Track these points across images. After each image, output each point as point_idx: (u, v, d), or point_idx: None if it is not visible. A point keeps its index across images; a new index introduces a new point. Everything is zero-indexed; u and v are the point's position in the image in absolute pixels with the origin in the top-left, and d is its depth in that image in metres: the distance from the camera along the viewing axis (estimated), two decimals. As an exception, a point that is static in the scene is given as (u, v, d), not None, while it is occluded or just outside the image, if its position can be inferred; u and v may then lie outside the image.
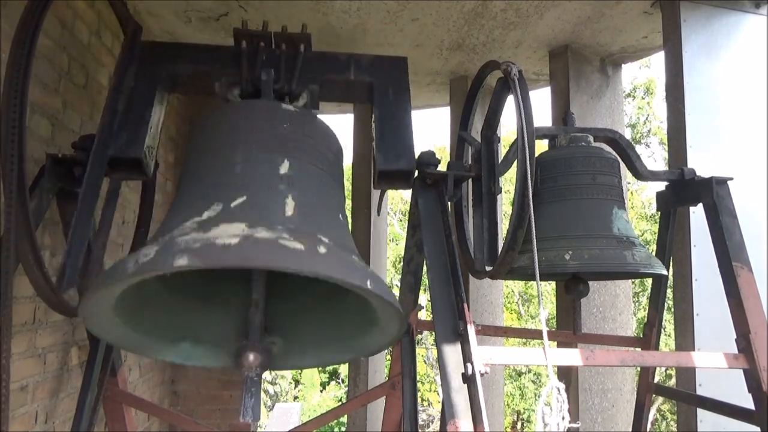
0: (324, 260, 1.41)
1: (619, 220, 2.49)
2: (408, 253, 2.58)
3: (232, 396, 4.90)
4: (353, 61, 2.39)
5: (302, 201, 1.69)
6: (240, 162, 1.77)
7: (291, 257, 1.36)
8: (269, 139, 1.84)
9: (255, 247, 1.39)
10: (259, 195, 1.68)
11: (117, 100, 2.13)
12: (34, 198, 1.91)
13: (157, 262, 1.34)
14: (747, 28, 3.33)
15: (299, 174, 1.79)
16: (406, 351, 2.62)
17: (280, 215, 1.62)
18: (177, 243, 1.37)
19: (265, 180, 1.73)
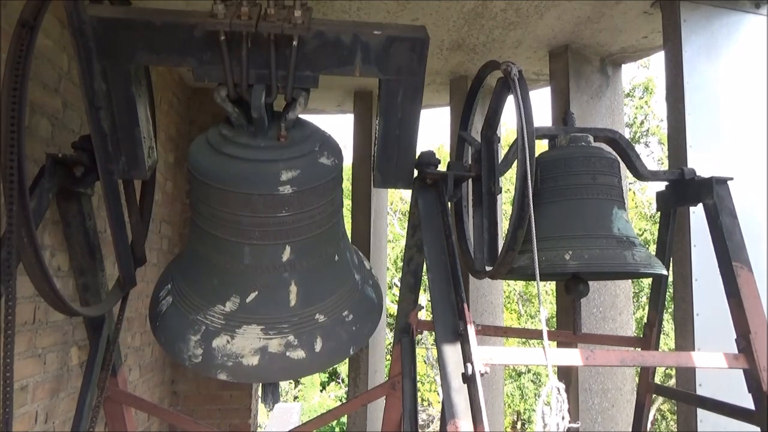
0: (318, 359, 2.08)
1: (619, 220, 2.49)
2: (408, 253, 2.58)
3: (232, 396, 4.90)
4: (360, 46, 1.94)
5: (303, 281, 2.11)
6: (247, 253, 2.06)
7: (296, 369, 2.07)
8: (270, 229, 2.04)
9: (270, 365, 2.02)
10: (267, 288, 2.09)
11: (98, 118, 1.97)
12: (34, 198, 1.90)
13: (204, 369, 2.08)
14: (747, 28, 3.33)
15: (299, 253, 2.09)
16: (406, 351, 2.62)
17: (286, 308, 2.09)
18: (215, 356, 2.04)
19: (270, 271, 2.08)
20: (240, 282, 2.10)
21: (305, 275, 2.13)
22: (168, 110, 4.35)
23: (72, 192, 2.17)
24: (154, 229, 3.98)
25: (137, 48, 1.90)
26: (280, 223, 2.03)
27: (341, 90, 5.35)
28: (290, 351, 2.04)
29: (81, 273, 2.32)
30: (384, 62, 1.99)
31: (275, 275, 2.09)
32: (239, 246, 2.06)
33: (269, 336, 2.06)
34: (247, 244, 2.05)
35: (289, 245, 2.06)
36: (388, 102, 2.10)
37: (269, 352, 2.03)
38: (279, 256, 2.06)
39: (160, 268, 4.07)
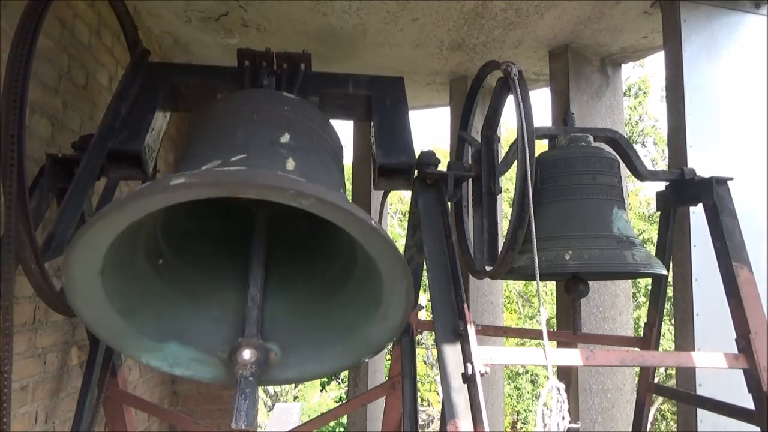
0: (326, 191, 1.33)
1: (619, 220, 2.49)
2: (408, 253, 2.58)
3: (232, 396, 4.90)
4: (351, 79, 2.50)
5: (303, 163, 1.70)
6: (241, 131, 1.77)
7: (291, 182, 1.32)
8: (270, 115, 1.87)
9: (254, 173, 1.41)
10: (259, 155, 1.67)
11: (120, 104, 2.17)
12: (34, 198, 1.91)
13: (154, 188, 1.27)
14: (747, 28, 3.33)
15: (301, 145, 1.78)
16: (406, 351, 2.62)
17: (281, 168, 1.63)
18: (172, 176, 1.28)
19: (266, 146, 1.72)
20: (226, 153, 1.65)
21: (306, 165, 1.73)
22: (168, 110, 4.35)
23: (72, 192, 2.17)
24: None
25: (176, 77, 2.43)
26: (281, 114, 1.93)
27: (341, 90, 5.36)
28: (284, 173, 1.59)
29: (81, 273, 2.32)
30: (370, 86, 2.52)
31: (271, 149, 1.72)
32: (231, 128, 1.79)
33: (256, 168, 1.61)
34: (241, 125, 1.78)
35: (288, 133, 1.80)
36: (379, 107, 2.43)
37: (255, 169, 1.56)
38: (277, 136, 1.77)
39: (160, 268, 4.07)
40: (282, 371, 1.67)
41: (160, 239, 1.78)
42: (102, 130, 2.05)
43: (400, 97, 2.49)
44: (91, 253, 1.38)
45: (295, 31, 3.91)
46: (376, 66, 4.54)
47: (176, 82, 2.39)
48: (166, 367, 1.64)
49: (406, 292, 1.52)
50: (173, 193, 1.27)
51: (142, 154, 2.10)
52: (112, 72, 3.15)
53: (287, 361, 1.68)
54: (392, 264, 1.47)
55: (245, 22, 3.81)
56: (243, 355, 1.48)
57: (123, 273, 1.55)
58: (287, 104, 1.98)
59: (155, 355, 1.64)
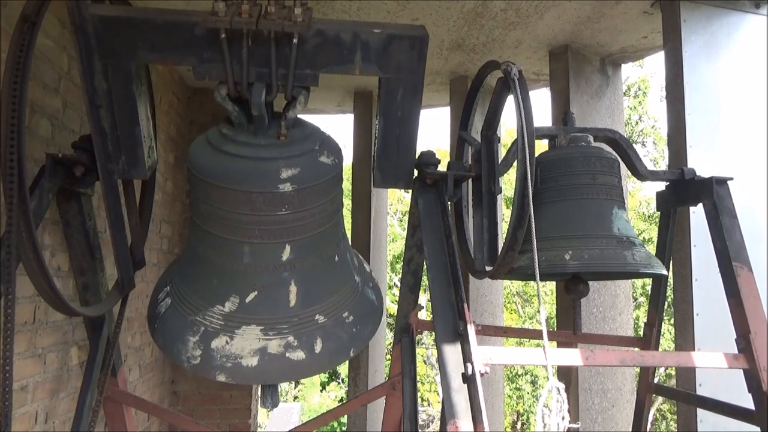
0: (318, 360, 2.05)
1: (619, 220, 2.49)
2: (408, 253, 2.58)
3: (232, 396, 4.90)
4: (360, 44, 1.96)
5: (303, 280, 2.09)
6: (247, 252, 2.04)
7: (295, 371, 2.03)
8: (270, 228, 2.02)
9: (269, 366, 1.99)
10: (266, 288, 2.06)
11: (99, 117, 1.98)
12: (34, 198, 1.90)
13: (203, 370, 2.02)
14: (747, 28, 3.33)
15: (299, 253, 2.07)
16: (406, 351, 2.62)
17: (286, 308, 2.06)
18: (214, 357, 2.00)
19: (270, 271, 2.06)
20: (239, 282, 2.08)
21: (305, 275, 2.11)
22: (168, 110, 4.35)
23: (72, 192, 2.17)
24: (154, 229, 3.98)
25: (138, 46, 1.90)
26: (280, 221, 2.02)
27: (341, 90, 5.35)
28: (290, 352, 2.01)
29: (81, 273, 2.32)
30: (384, 60, 1.99)
31: (275, 275, 2.07)
32: (239, 245, 2.04)
33: (269, 336, 2.03)
34: (246, 242, 2.03)
35: (289, 244, 2.04)
36: (387, 100, 2.10)
37: (269, 353, 2.01)
38: (279, 256, 2.05)
39: (160, 268, 4.07)
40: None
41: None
42: (101, 158, 2.03)
43: (416, 78, 2.06)
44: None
45: None
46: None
47: (142, 59, 1.97)
48: None
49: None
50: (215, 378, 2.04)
51: (146, 172, 2.15)
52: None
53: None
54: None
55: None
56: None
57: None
58: (285, 203, 2.00)
59: None
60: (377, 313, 2.31)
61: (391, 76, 2.04)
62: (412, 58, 2.01)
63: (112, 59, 1.91)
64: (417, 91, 2.09)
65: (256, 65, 1.93)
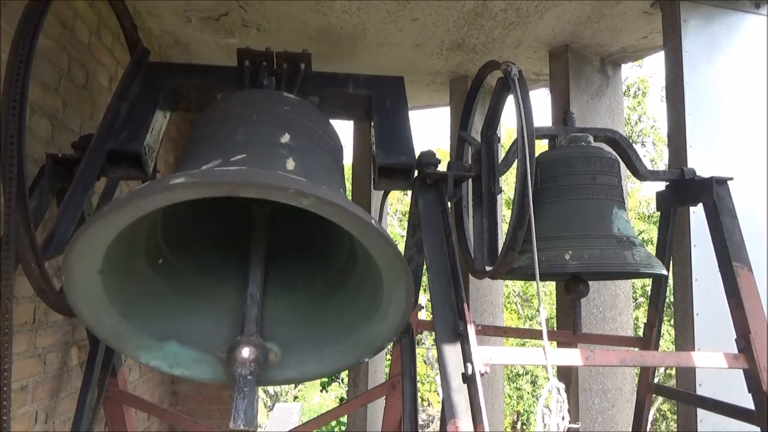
0: (326, 191, 1.35)
1: (619, 220, 2.49)
2: (408, 253, 2.58)
3: (231, 396, 4.90)
4: (351, 79, 2.50)
5: (302, 163, 1.69)
6: (241, 131, 1.78)
7: (291, 181, 1.32)
8: (270, 116, 1.88)
9: (254, 173, 1.39)
10: (259, 155, 1.68)
11: (120, 104, 2.17)
12: (34, 198, 1.91)
13: (154, 188, 1.26)
14: (747, 28, 3.33)
15: (300, 145, 1.79)
16: (406, 351, 2.62)
17: (281, 168, 1.62)
18: (172, 176, 1.30)
19: (266, 146, 1.73)
20: (226, 153, 1.64)
21: (306, 166, 1.72)
22: (168, 110, 4.35)
23: (72, 192, 2.17)
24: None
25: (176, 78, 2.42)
26: (281, 114, 1.94)
27: (341, 90, 5.36)
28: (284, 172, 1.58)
29: (81, 273, 2.32)
30: (370, 85, 2.50)
31: (271, 150, 1.73)
32: (232, 129, 1.80)
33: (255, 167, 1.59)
34: (241, 125, 1.81)
35: (288, 133, 1.82)
36: (378, 109, 2.43)
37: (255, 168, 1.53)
38: (277, 137, 1.78)
39: (160, 268, 4.07)
40: (282, 371, 1.67)
41: (160, 239, 1.78)
42: (102, 130, 2.05)
43: (401, 96, 2.49)
44: (91, 254, 1.38)
45: (296, 31, 3.91)
46: (376, 66, 4.54)
47: (176, 82, 2.40)
48: (165, 366, 1.64)
49: (406, 291, 1.52)
50: (173, 192, 1.26)
51: (142, 155, 2.09)
52: (112, 72, 3.15)
53: (287, 361, 1.67)
54: (392, 263, 1.46)
55: (245, 22, 3.81)
56: (242, 354, 1.47)
57: (123, 273, 1.56)
58: (287, 105, 1.99)
59: (155, 354, 1.63)
60: None
61: (377, 94, 2.48)
62: (393, 84, 2.52)
63: (152, 83, 2.33)
64: (402, 98, 2.49)
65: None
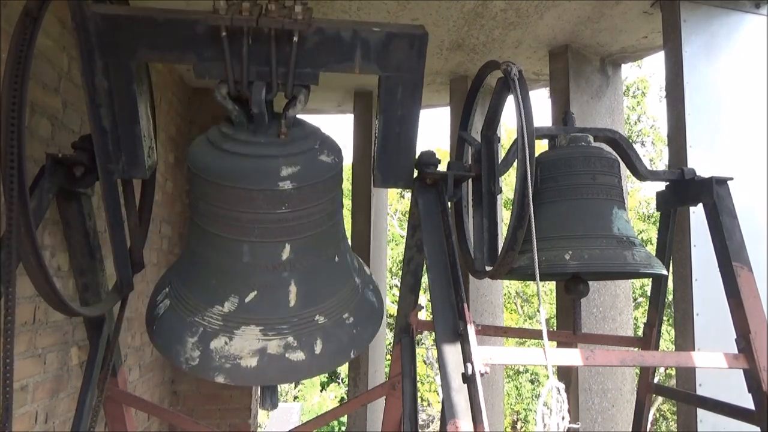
0: (318, 362, 2.02)
1: (619, 220, 2.49)
2: (408, 253, 2.58)
3: (232, 396, 4.90)
4: (360, 42, 1.97)
5: (303, 280, 2.07)
6: (246, 251, 2.02)
7: (295, 372, 2.01)
8: (270, 226, 2.01)
9: (269, 367, 1.97)
10: (266, 288, 2.05)
11: (99, 116, 1.99)
12: (34, 198, 1.90)
13: (201, 371, 2.00)
14: (747, 28, 3.33)
15: (299, 252, 2.06)
16: (406, 351, 2.62)
17: (285, 308, 2.04)
18: (213, 358, 1.98)
19: (270, 270, 2.04)
20: (239, 281, 2.06)
21: (305, 275, 2.09)
22: (168, 110, 4.35)
23: (72, 192, 2.17)
24: (154, 229, 3.98)
25: (139, 45, 1.92)
26: (280, 220, 2.01)
27: (341, 90, 5.35)
28: (289, 353, 1.99)
29: (81, 273, 2.32)
30: (383, 58, 2.01)
31: (275, 274, 2.05)
32: (238, 244, 2.03)
33: (268, 337, 2.01)
34: (246, 241, 2.02)
35: (288, 243, 2.03)
36: (387, 99, 2.11)
37: (268, 353, 1.98)
38: (279, 255, 2.03)
39: (161, 267, 4.07)
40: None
41: None
42: (100, 158, 2.02)
43: (416, 77, 2.07)
44: None
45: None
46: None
47: (142, 58, 2.01)
48: None
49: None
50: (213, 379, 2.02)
51: (146, 172, 2.14)
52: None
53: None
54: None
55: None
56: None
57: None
58: (285, 202, 1.99)
59: None
60: (378, 315, 2.30)
61: (390, 75, 2.05)
62: (411, 57, 2.02)
63: (113, 57, 1.91)
64: (417, 89, 2.09)
65: (257, 64, 1.94)
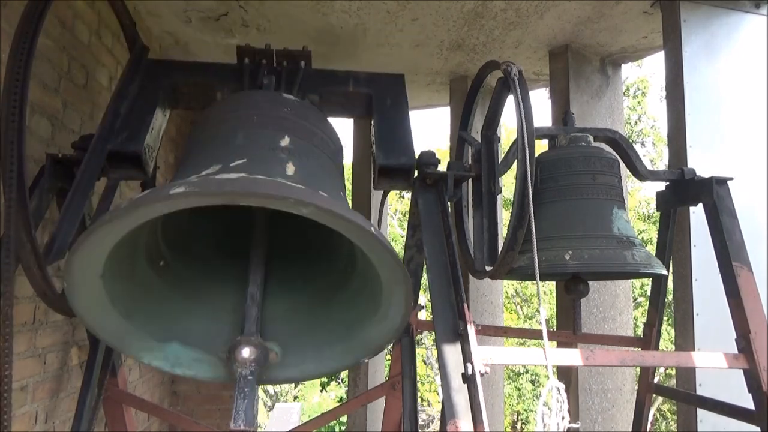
0: (325, 199, 1.36)
1: (619, 220, 2.49)
2: (408, 253, 2.58)
3: (232, 396, 4.90)
4: (351, 76, 2.50)
5: (302, 167, 1.71)
6: (241, 134, 1.78)
7: (291, 190, 1.33)
8: (270, 118, 1.87)
9: (254, 182, 1.40)
10: (259, 159, 1.68)
11: (120, 104, 2.17)
12: (34, 198, 1.91)
13: (155, 197, 1.29)
14: (747, 28, 3.33)
15: (300, 148, 1.79)
16: (406, 351, 2.62)
17: (281, 173, 1.63)
18: (172, 185, 1.31)
19: (266, 150, 1.73)
20: (227, 158, 1.65)
21: (306, 170, 1.73)
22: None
23: (72, 192, 2.17)
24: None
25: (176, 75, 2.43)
26: (281, 117, 1.93)
27: (341, 90, 5.36)
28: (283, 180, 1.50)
29: (81, 273, 2.32)
30: (371, 84, 2.50)
31: (271, 154, 1.73)
32: (233, 132, 1.79)
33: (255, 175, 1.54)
34: (241, 128, 1.81)
35: (288, 136, 1.81)
36: (379, 108, 2.42)
37: (254, 176, 1.50)
38: (277, 141, 1.78)
39: (160, 268, 4.07)
40: (282, 371, 1.68)
41: (161, 241, 1.79)
42: (102, 130, 2.05)
43: (401, 95, 2.48)
44: (92, 259, 1.39)
45: (295, 31, 3.91)
46: (376, 66, 4.54)
47: (176, 80, 2.40)
48: (167, 366, 1.65)
49: (405, 295, 1.53)
50: (173, 201, 1.28)
51: (142, 155, 2.10)
52: (112, 72, 3.15)
53: (287, 361, 1.68)
54: (392, 269, 1.48)
55: (245, 22, 3.81)
56: (242, 353, 1.48)
57: (124, 276, 1.57)
58: (287, 106, 1.99)
59: (157, 354, 1.64)
60: None
61: (377, 92, 2.47)
62: (394, 83, 2.52)
63: (152, 81, 2.34)
64: (403, 97, 2.48)
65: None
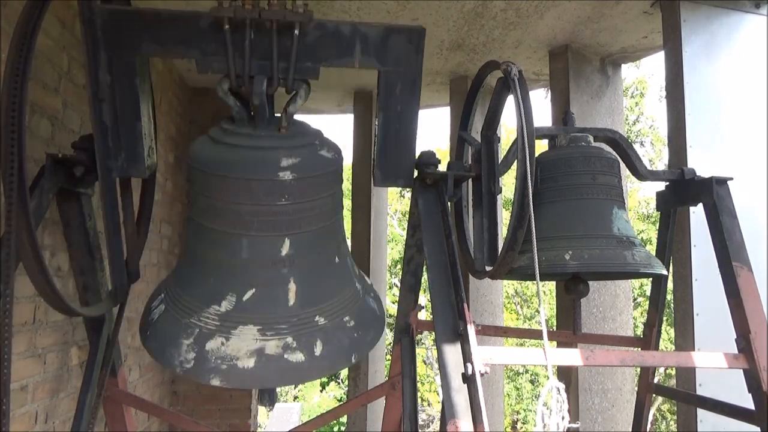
0: (318, 364, 1.95)
1: (619, 220, 2.49)
2: (408, 253, 2.58)
3: (232, 396, 4.90)
4: (359, 37, 2.07)
5: (302, 278, 2.03)
6: (245, 246, 2.00)
7: (294, 374, 1.92)
8: (270, 219, 1.99)
9: (267, 369, 1.89)
10: (265, 286, 2.00)
11: (101, 111, 2.00)
12: (34, 198, 1.90)
13: (196, 374, 1.90)
14: (747, 28, 3.33)
15: (299, 248, 2.03)
16: (406, 351, 2.62)
17: (285, 307, 1.99)
18: (208, 360, 1.89)
19: (269, 266, 2.01)
20: (238, 279, 2.00)
21: (305, 273, 2.04)
22: (168, 110, 4.35)
23: (72, 192, 2.17)
24: (154, 229, 3.98)
25: (143, 39, 1.97)
26: (280, 212, 1.97)
27: (341, 90, 5.35)
28: (288, 354, 1.92)
29: (81, 273, 2.31)
30: (382, 53, 2.09)
31: (274, 271, 2.00)
32: (237, 238, 1.99)
33: (266, 337, 1.93)
34: (245, 235, 1.98)
35: (288, 238, 1.99)
36: (386, 95, 2.16)
37: (266, 354, 1.90)
38: (278, 250, 1.99)
39: (160, 268, 4.08)
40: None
41: None
42: (101, 156, 2.02)
43: (415, 72, 2.14)
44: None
45: None
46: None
47: (147, 52, 2.04)
48: None
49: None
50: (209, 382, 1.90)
51: (145, 170, 2.12)
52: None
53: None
54: None
55: None
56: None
57: None
58: (285, 194, 1.98)
59: None
60: (379, 322, 2.25)
61: (389, 69, 2.12)
62: (409, 51, 2.10)
63: (117, 51, 1.96)
64: (415, 85, 2.15)
65: (258, 58, 2.00)
